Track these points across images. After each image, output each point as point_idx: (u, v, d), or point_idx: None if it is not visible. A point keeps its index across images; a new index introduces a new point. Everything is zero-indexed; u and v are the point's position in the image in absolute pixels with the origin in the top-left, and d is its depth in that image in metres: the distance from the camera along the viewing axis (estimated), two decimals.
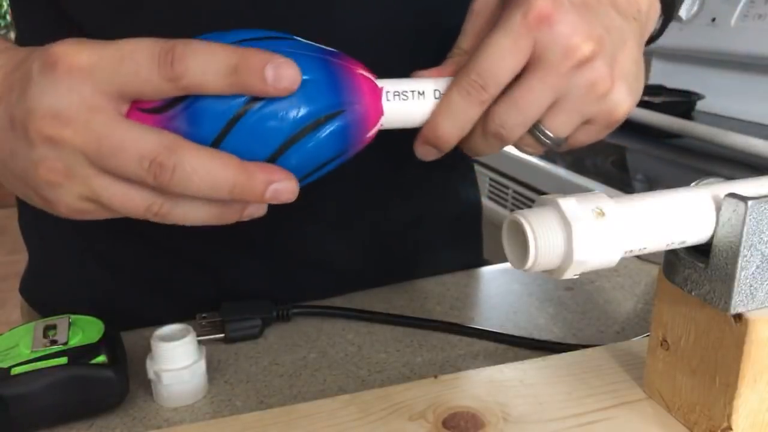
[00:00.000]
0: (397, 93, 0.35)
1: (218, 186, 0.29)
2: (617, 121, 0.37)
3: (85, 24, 0.44)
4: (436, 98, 0.36)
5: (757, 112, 1.23)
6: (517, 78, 0.34)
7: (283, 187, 0.30)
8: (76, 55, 0.28)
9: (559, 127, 0.36)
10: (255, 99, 0.30)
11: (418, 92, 0.35)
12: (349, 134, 0.33)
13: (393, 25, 0.45)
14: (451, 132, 0.35)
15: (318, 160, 0.32)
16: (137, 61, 0.28)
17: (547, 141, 0.36)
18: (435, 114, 0.35)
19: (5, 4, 3.66)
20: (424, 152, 0.37)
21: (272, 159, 0.31)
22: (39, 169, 0.30)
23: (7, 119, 0.30)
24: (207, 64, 0.28)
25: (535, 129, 0.36)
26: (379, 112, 0.34)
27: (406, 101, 0.35)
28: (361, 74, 0.34)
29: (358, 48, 0.35)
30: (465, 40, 0.38)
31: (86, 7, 0.43)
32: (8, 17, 3.65)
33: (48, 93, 0.29)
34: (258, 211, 0.33)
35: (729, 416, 0.32)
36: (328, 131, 0.32)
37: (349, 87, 0.32)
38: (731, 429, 0.32)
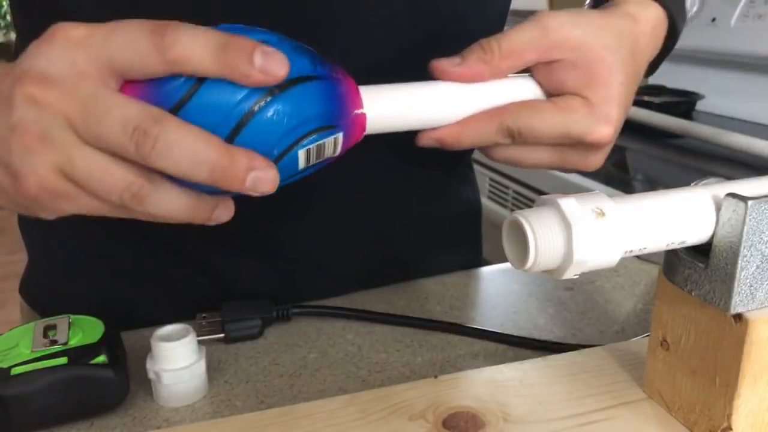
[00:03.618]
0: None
1: (199, 163, 0.28)
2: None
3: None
4: None
5: (757, 112, 1.23)
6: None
7: (264, 176, 0.29)
8: (73, 28, 0.29)
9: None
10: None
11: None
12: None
13: (391, 22, 0.45)
14: (466, 146, 0.38)
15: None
16: (130, 30, 0.29)
17: None
18: (461, 130, 0.37)
19: (5, 4, 3.66)
20: (427, 144, 0.38)
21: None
22: (14, 132, 0.29)
23: None
24: (197, 38, 0.28)
25: None
26: (362, 129, 0.34)
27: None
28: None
29: (355, 45, 0.35)
30: (507, 43, 0.37)
31: (88, 8, 0.43)
32: (8, 17, 3.65)
33: (41, 58, 0.29)
34: (226, 213, 0.33)
35: (729, 416, 0.32)
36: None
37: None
38: (731, 429, 0.32)
